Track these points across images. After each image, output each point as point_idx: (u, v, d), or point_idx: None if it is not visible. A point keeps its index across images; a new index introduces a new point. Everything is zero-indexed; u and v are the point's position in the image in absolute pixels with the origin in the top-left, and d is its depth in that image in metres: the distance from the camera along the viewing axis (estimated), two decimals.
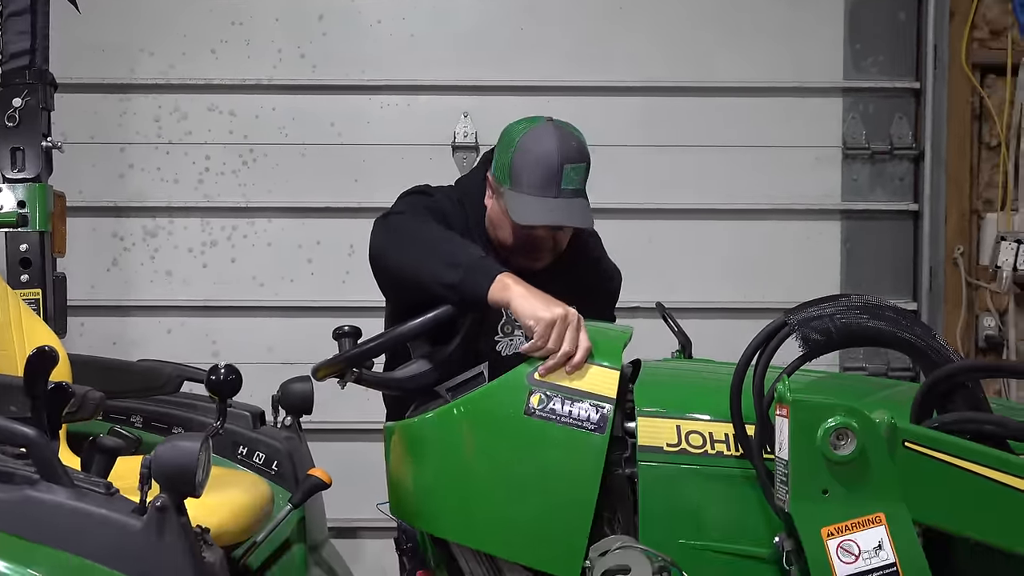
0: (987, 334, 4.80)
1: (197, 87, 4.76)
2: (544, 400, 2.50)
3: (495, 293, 2.59)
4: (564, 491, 2.47)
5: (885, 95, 4.85)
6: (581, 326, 2.55)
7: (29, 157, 3.82)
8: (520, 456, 2.50)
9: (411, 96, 4.78)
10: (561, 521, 2.46)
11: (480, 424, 2.54)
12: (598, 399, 2.50)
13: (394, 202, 2.98)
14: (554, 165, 2.83)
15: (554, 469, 2.48)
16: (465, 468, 2.54)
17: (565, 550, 2.45)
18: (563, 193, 2.84)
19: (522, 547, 2.50)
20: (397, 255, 2.77)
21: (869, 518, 2.25)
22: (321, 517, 3.59)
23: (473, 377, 2.66)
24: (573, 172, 2.84)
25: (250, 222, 4.78)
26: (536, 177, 2.83)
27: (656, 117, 4.79)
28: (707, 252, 4.79)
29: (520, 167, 2.85)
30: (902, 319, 2.44)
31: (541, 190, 2.83)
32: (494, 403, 2.55)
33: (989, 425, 2.35)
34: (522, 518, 2.49)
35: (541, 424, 2.49)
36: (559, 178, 2.83)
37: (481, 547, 2.55)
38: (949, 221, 4.83)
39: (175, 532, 2.25)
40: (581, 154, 2.89)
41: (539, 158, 2.84)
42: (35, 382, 2.46)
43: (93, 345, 4.56)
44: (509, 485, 2.50)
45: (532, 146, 2.86)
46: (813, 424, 2.24)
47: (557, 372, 2.53)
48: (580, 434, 2.48)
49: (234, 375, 2.76)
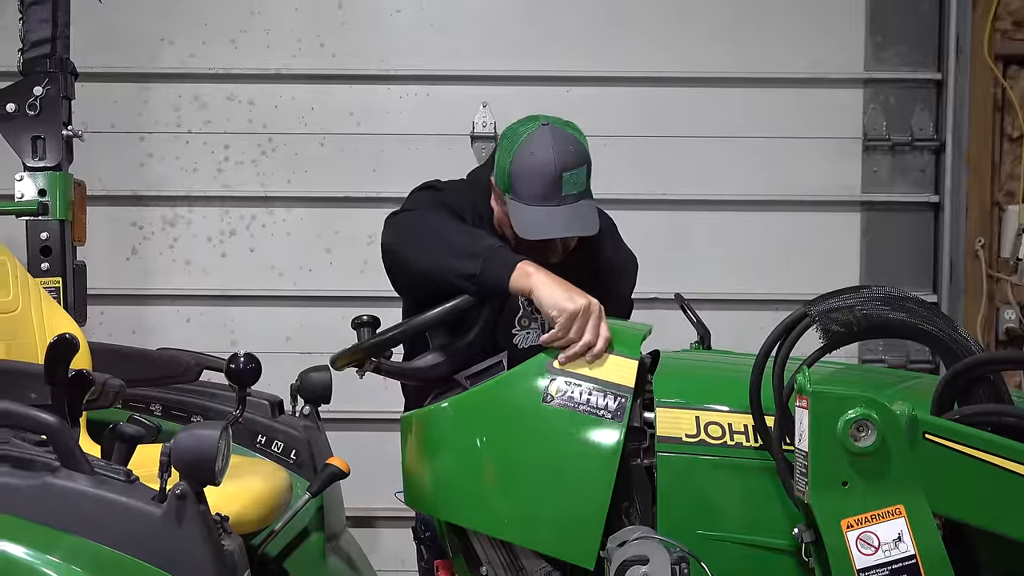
0: (1007, 327, 4.78)
1: (217, 76, 4.76)
2: (562, 389, 2.51)
3: (516, 281, 2.59)
4: (581, 479, 2.47)
5: (906, 86, 4.82)
6: (603, 317, 2.55)
7: (50, 146, 3.83)
8: (537, 444, 2.51)
9: (430, 86, 4.78)
10: (578, 509, 2.46)
11: (498, 412, 2.55)
12: (616, 388, 2.50)
13: (405, 199, 2.97)
14: (552, 174, 2.78)
15: (571, 457, 2.49)
16: (483, 455, 2.54)
17: (582, 538, 2.45)
18: (565, 200, 2.79)
19: (539, 535, 2.51)
20: (411, 251, 2.75)
21: (889, 510, 2.24)
22: (339, 506, 3.59)
23: (492, 365, 2.67)
24: (572, 178, 2.79)
25: (269, 211, 4.79)
26: (535, 187, 2.79)
27: (676, 108, 4.77)
28: (727, 243, 4.77)
29: (519, 177, 2.81)
30: (923, 310, 2.43)
31: (541, 200, 2.79)
32: (512, 391, 2.55)
33: (1010, 417, 2.34)
34: (539, 506, 2.49)
35: (559, 412, 2.50)
36: (559, 186, 2.78)
37: (498, 535, 2.55)
38: (970, 213, 4.80)
39: (194, 520, 2.26)
40: (579, 158, 2.82)
41: (537, 168, 2.79)
42: (55, 369, 2.47)
43: (113, 333, 4.57)
44: (526, 472, 2.51)
45: (528, 156, 2.80)
46: (833, 415, 2.24)
47: (576, 361, 2.53)
48: (598, 422, 2.48)
49: (254, 363, 2.77)
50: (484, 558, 2.59)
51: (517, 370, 2.57)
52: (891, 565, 2.23)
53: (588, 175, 2.84)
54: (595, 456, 2.47)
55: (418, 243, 2.74)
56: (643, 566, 2.29)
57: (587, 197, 2.85)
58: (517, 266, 2.59)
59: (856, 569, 2.24)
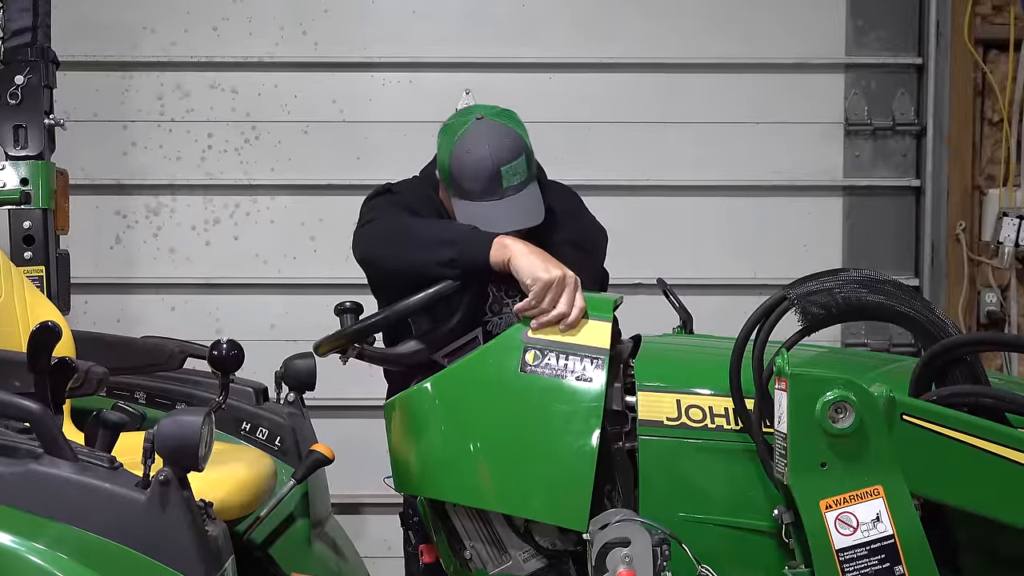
0: (989, 310, 4.81)
1: (199, 64, 4.75)
2: (539, 356, 2.54)
3: (496, 255, 2.63)
4: (565, 443, 2.50)
5: (887, 71, 4.84)
6: (578, 288, 2.57)
7: (32, 134, 3.82)
8: (519, 413, 2.53)
9: (413, 73, 4.78)
10: (565, 473, 2.48)
11: (478, 385, 2.58)
12: (592, 351, 2.52)
13: (361, 207, 3.00)
14: (489, 170, 2.81)
15: (554, 423, 2.51)
16: (466, 430, 2.57)
17: (571, 501, 2.47)
18: (507, 193, 2.82)
19: (528, 503, 2.53)
20: (387, 257, 2.80)
21: (867, 490, 2.26)
22: (324, 493, 3.60)
23: (468, 342, 2.69)
24: (511, 171, 2.82)
25: (253, 199, 4.79)
26: (475, 185, 2.82)
27: (657, 93, 4.78)
28: (708, 228, 4.79)
29: (458, 176, 2.84)
30: (902, 293, 2.45)
31: (483, 195, 2.82)
32: (490, 363, 2.58)
33: (987, 398, 2.37)
34: (526, 474, 2.52)
35: (538, 379, 2.52)
36: (498, 181, 2.81)
37: (488, 507, 2.57)
38: (951, 197, 4.82)
39: (178, 506, 2.26)
40: (515, 150, 2.84)
41: (474, 165, 2.82)
42: (38, 357, 2.47)
43: (97, 322, 4.57)
44: (511, 442, 2.53)
45: (465, 154, 2.83)
46: (812, 397, 2.25)
47: (551, 328, 2.56)
48: (577, 386, 2.50)
49: (236, 350, 2.77)
50: (468, 540, 2.61)
51: (493, 343, 2.60)
52: (869, 545, 2.26)
53: (529, 163, 2.87)
54: (577, 419, 2.49)
55: (391, 247, 2.79)
56: (625, 548, 2.31)
57: (531, 183, 2.88)
58: (494, 241, 2.63)
59: (835, 549, 2.26)
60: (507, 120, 2.89)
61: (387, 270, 2.84)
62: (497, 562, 2.60)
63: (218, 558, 2.36)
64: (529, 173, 2.87)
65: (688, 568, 2.38)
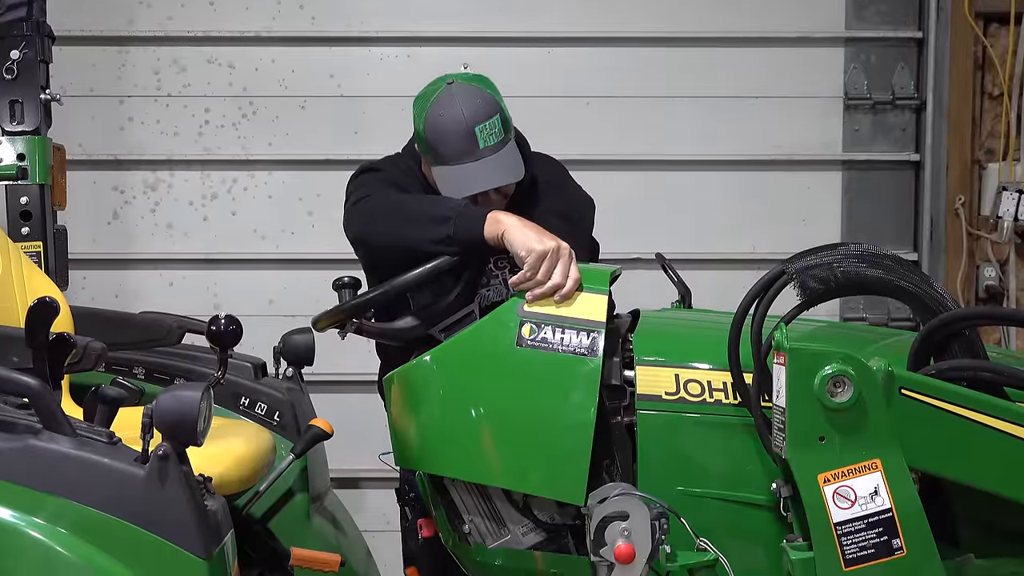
0: (987, 284, 4.81)
1: (196, 39, 4.74)
2: (535, 330, 2.53)
3: (490, 229, 2.62)
4: (562, 417, 2.50)
5: (887, 45, 4.82)
6: (572, 259, 2.56)
7: (28, 110, 3.81)
8: (516, 387, 2.53)
9: (411, 47, 4.76)
10: (562, 447, 2.49)
11: (475, 359, 2.57)
12: (588, 324, 2.52)
13: (347, 187, 2.99)
14: (463, 131, 2.83)
15: (551, 396, 2.51)
16: (463, 404, 2.56)
17: (569, 475, 2.47)
18: (484, 153, 2.83)
19: (527, 477, 2.53)
20: (381, 235, 2.80)
21: (865, 464, 2.26)
22: (323, 467, 3.61)
23: (465, 316, 2.69)
24: (486, 130, 2.83)
25: (250, 175, 4.78)
26: (451, 148, 2.84)
27: (657, 68, 4.76)
28: (707, 203, 4.78)
29: (434, 142, 2.86)
30: (900, 267, 2.45)
31: (461, 157, 2.84)
32: (486, 338, 2.57)
33: (986, 373, 2.37)
34: (523, 448, 2.52)
35: (534, 353, 2.52)
36: (474, 141, 2.83)
37: (486, 481, 2.57)
38: (950, 171, 4.81)
39: (177, 481, 2.27)
40: (488, 109, 2.86)
41: (448, 128, 2.84)
42: (36, 333, 2.47)
43: (95, 298, 4.57)
44: (508, 416, 2.53)
45: (438, 118, 2.86)
46: (810, 371, 2.25)
47: (546, 301, 2.55)
48: (574, 359, 2.50)
49: (234, 325, 2.77)
50: (466, 515, 2.62)
51: (490, 316, 2.59)
52: (867, 519, 2.26)
53: (504, 123, 2.88)
54: (574, 393, 2.49)
55: (385, 225, 2.79)
56: (623, 522, 2.31)
57: (508, 143, 2.88)
58: (487, 216, 2.62)
59: (833, 523, 2.27)
60: (480, 83, 2.92)
61: (381, 248, 2.83)
62: (496, 536, 2.61)
63: (217, 532, 2.36)
64: (506, 134, 2.88)
65: (686, 542, 2.39)
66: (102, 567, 2.24)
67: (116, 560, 2.25)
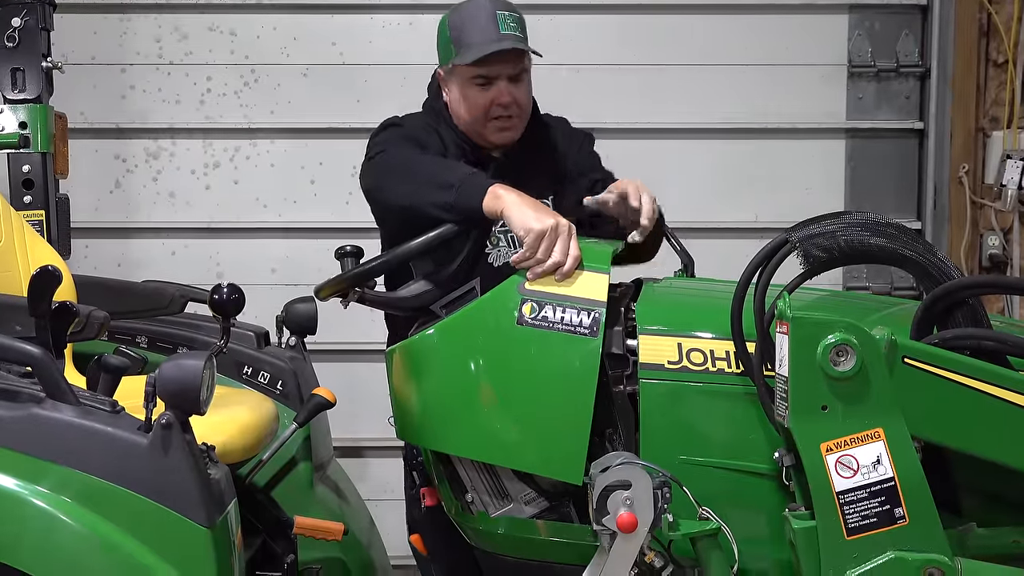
0: (991, 252, 4.80)
1: (197, 7, 4.72)
2: (536, 308, 2.52)
3: (489, 204, 2.61)
4: (561, 396, 2.49)
5: (891, 12, 4.80)
6: (572, 235, 2.55)
7: (30, 78, 3.81)
8: (516, 365, 2.52)
9: (413, 15, 4.74)
10: (560, 426, 2.48)
11: (475, 337, 2.56)
12: (589, 303, 2.51)
13: (369, 141, 3.01)
14: (486, 15, 2.91)
15: (550, 375, 2.50)
16: (464, 381, 2.56)
17: (566, 455, 2.47)
18: (505, 38, 2.91)
19: (524, 456, 2.53)
20: (392, 191, 2.81)
21: (868, 433, 2.26)
22: (326, 436, 3.62)
23: (466, 292, 2.68)
24: (508, 18, 2.92)
25: (252, 143, 4.77)
26: (474, 32, 2.92)
27: (660, 35, 4.74)
28: (710, 171, 4.77)
29: (458, 33, 2.94)
30: (904, 236, 2.44)
31: (482, 38, 2.91)
32: (487, 315, 2.56)
33: (989, 341, 2.36)
34: (522, 427, 2.51)
35: (534, 332, 2.51)
36: (495, 24, 2.91)
37: (485, 458, 2.57)
38: (954, 139, 4.80)
39: (180, 449, 2.27)
40: (511, 5, 2.96)
41: (471, 16, 2.94)
42: (39, 301, 2.48)
43: (97, 267, 4.57)
44: (507, 394, 2.53)
45: (463, 9, 2.97)
46: (813, 340, 2.25)
47: (547, 280, 2.54)
48: (574, 339, 2.49)
49: (237, 294, 2.77)
50: (469, 484, 2.62)
51: (491, 294, 2.58)
52: (870, 487, 2.26)
53: (523, 29, 2.97)
54: (573, 373, 2.49)
55: (396, 181, 2.80)
56: (626, 491, 2.31)
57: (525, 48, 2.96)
58: (488, 189, 2.61)
59: (835, 492, 2.27)
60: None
61: (389, 204, 2.86)
62: (498, 505, 2.61)
63: (220, 501, 2.37)
64: (525, 37, 2.96)
65: (689, 510, 2.39)
66: (105, 535, 2.26)
67: (119, 528, 2.26)
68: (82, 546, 2.26)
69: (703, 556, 2.39)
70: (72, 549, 2.26)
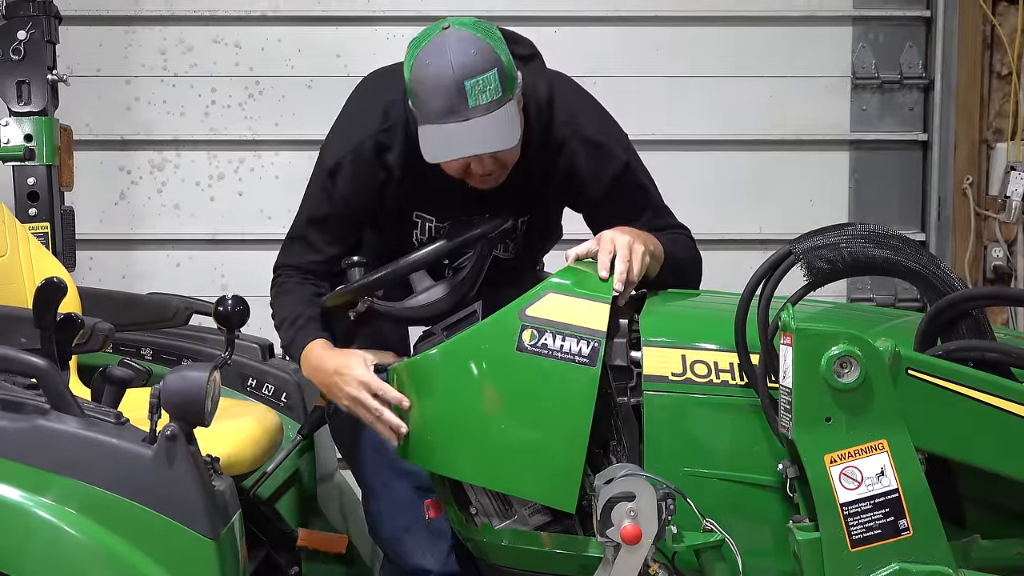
0: (995, 264, 4.80)
1: (202, 19, 4.73)
2: (536, 335, 2.48)
3: (303, 369, 2.79)
4: (558, 425, 2.47)
5: (895, 23, 4.81)
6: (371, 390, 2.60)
7: (35, 90, 3.82)
8: (514, 392, 2.50)
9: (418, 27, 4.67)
10: (556, 455, 2.47)
11: (474, 362, 2.54)
12: (588, 333, 2.49)
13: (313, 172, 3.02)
14: (452, 86, 2.46)
15: (547, 403, 2.48)
16: (461, 406, 2.54)
17: (562, 484, 2.46)
18: (474, 113, 2.48)
19: (523, 482, 2.51)
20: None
21: (872, 445, 2.26)
22: (330, 448, 3.61)
23: (467, 316, 2.66)
24: (479, 86, 2.46)
25: (257, 155, 4.78)
26: (438, 104, 2.48)
27: (664, 47, 4.76)
28: (714, 183, 4.77)
29: (420, 96, 2.51)
30: (908, 248, 2.44)
31: (446, 115, 2.48)
32: (487, 340, 2.54)
33: (993, 353, 2.36)
34: (520, 454, 2.49)
35: (534, 359, 2.48)
36: (463, 98, 2.46)
37: (479, 483, 2.56)
38: (958, 151, 4.80)
39: (185, 461, 2.28)
40: (485, 63, 2.48)
41: (433, 79, 2.47)
42: (44, 313, 2.48)
43: (102, 279, 4.58)
44: (504, 420, 2.50)
45: (426, 69, 2.49)
46: (817, 352, 2.24)
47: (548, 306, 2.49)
48: (572, 368, 2.47)
49: (242, 306, 2.78)
50: (473, 496, 2.62)
51: (491, 319, 2.54)
52: (874, 499, 2.26)
53: (503, 79, 2.51)
54: (571, 402, 2.47)
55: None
56: (630, 503, 2.31)
57: (506, 105, 2.53)
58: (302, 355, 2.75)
59: (839, 503, 2.26)
60: (480, 32, 2.54)
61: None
62: (502, 517, 2.60)
63: (225, 513, 2.38)
64: (504, 93, 2.51)
65: (693, 522, 2.39)
66: (110, 547, 2.26)
67: (123, 540, 2.26)
68: (86, 557, 2.26)
69: (707, 568, 2.38)
70: (76, 560, 2.26)
